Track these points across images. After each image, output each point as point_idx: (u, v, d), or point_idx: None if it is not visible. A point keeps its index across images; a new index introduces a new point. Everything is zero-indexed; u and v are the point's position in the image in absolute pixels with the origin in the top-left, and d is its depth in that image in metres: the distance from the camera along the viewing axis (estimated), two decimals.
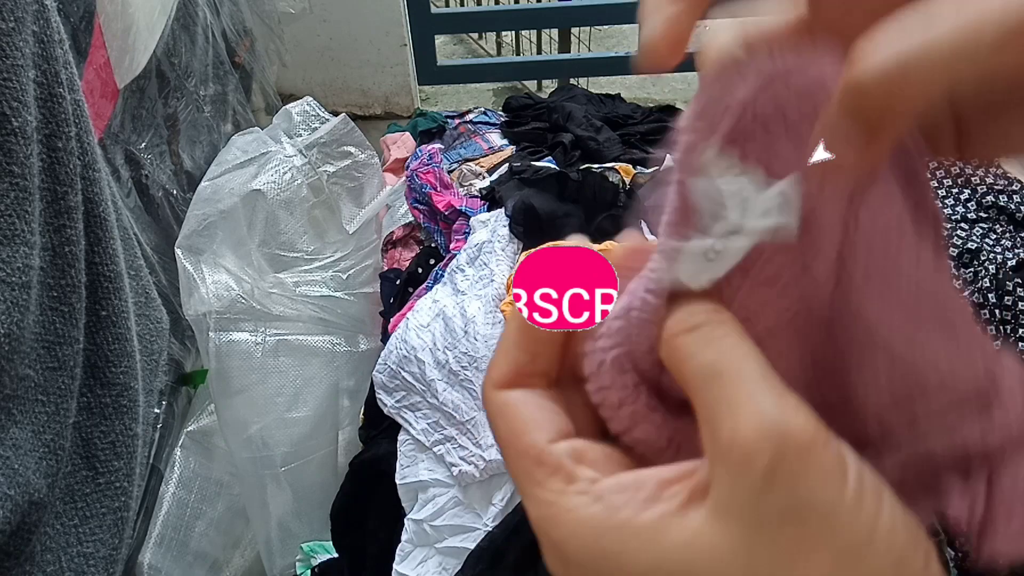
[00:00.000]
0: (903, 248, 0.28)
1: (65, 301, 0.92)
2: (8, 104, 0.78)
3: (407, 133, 2.05)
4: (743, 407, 0.25)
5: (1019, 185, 1.57)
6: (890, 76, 0.23)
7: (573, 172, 1.55)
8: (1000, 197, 1.56)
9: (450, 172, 1.79)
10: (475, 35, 4.05)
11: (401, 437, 1.30)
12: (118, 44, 1.40)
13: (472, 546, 1.15)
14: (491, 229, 1.50)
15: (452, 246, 1.58)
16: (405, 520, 1.23)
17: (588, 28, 3.68)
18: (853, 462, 0.26)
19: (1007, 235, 1.50)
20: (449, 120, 2.04)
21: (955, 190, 1.61)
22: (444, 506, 1.21)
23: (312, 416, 1.59)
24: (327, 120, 1.88)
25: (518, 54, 3.82)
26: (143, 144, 1.56)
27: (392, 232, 1.76)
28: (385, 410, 1.32)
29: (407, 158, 1.91)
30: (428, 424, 1.26)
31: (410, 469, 1.26)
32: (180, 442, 1.57)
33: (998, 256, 1.42)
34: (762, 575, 0.25)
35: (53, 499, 0.93)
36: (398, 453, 1.28)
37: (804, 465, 0.25)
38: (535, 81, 3.58)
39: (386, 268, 1.72)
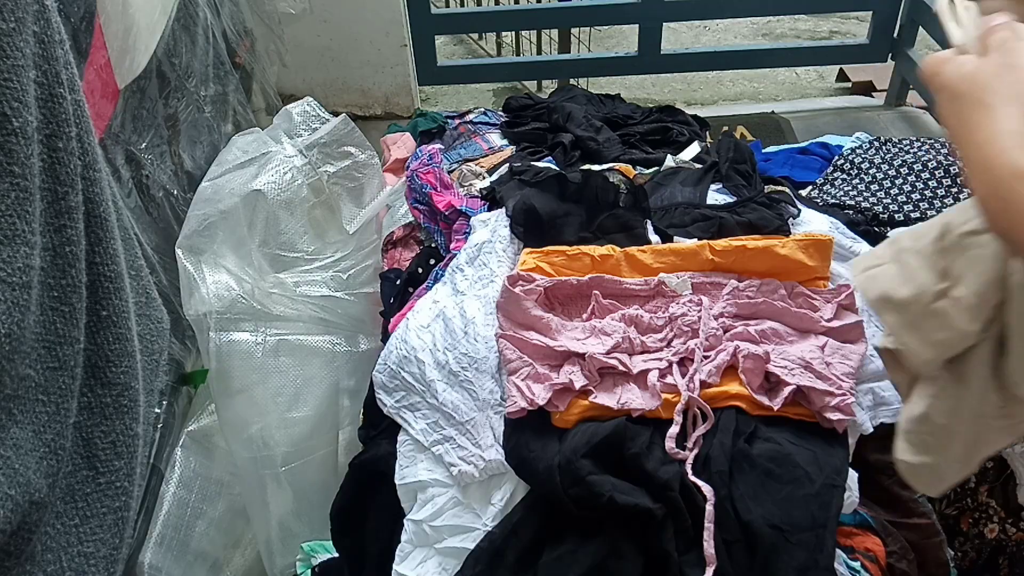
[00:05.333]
0: None
1: (66, 301, 0.92)
2: (9, 104, 0.78)
3: (407, 133, 2.05)
4: None
5: None
6: None
7: (573, 174, 1.55)
8: None
9: (450, 172, 1.79)
10: (475, 35, 4.05)
11: (400, 437, 1.30)
12: (119, 45, 1.41)
13: (471, 546, 1.15)
14: (491, 229, 1.50)
15: (452, 246, 1.58)
16: (405, 520, 1.23)
17: (588, 28, 3.68)
18: None
19: None
20: (449, 120, 2.04)
21: (954, 189, 1.61)
22: (443, 506, 1.21)
23: (312, 416, 1.59)
24: (327, 120, 1.88)
25: (518, 54, 3.83)
26: (144, 144, 1.56)
27: (392, 232, 1.76)
28: (385, 410, 1.32)
29: (407, 158, 1.91)
30: (427, 424, 1.26)
31: (409, 469, 1.26)
32: (181, 442, 1.57)
33: None
34: None
35: (54, 499, 0.93)
36: (397, 453, 1.28)
37: None
38: (535, 81, 3.59)
39: (386, 268, 1.72)
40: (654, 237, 1.46)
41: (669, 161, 1.72)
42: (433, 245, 1.67)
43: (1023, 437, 1.35)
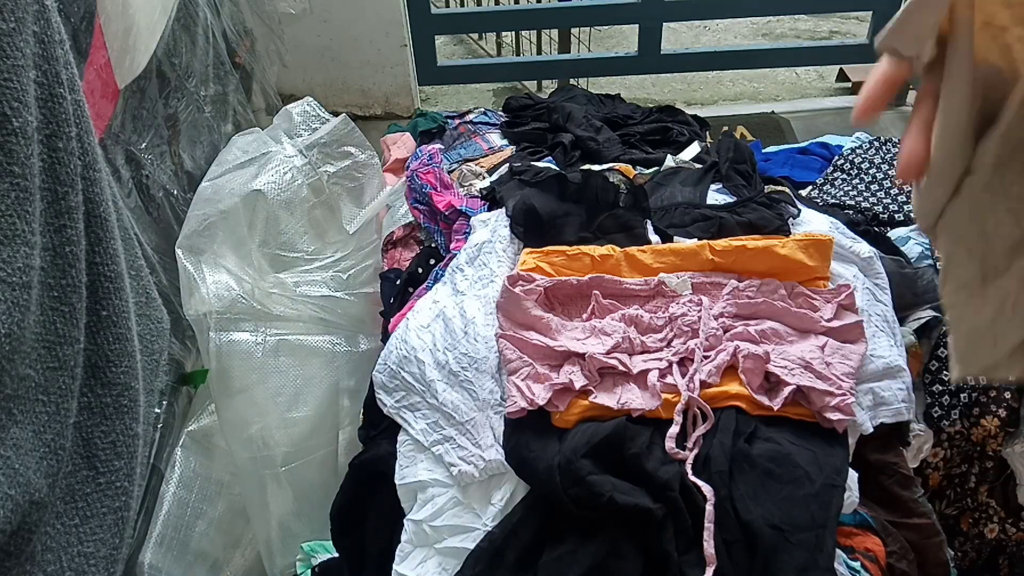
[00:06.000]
0: None
1: (66, 301, 0.92)
2: (9, 104, 0.78)
3: (407, 133, 2.05)
4: None
5: None
6: None
7: (573, 174, 1.55)
8: None
9: (450, 172, 1.79)
10: (475, 35, 4.05)
11: (400, 437, 1.29)
12: (119, 45, 1.41)
13: (471, 546, 1.15)
14: (491, 229, 1.50)
15: (452, 246, 1.58)
16: (405, 520, 1.23)
17: (588, 28, 3.68)
18: None
19: None
20: (449, 120, 2.04)
21: None
22: (443, 506, 1.21)
23: (312, 416, 1.59)
24: (327, 120, 1.88)
25: (518, 54, 3.82)
26: (144, 144, 1.56)
27: (392, 232, 1.76)
28: (384, 410, 1.32)
29: (407, 158, 1.91)
30: (427, 424, 1.26)
31: (409, 469, 1.26)
32: (181, 442, 1.57)
33: None
34: None
35: (54, 499, 0.93)
36: (397, 453, 1.28)
37: None
38: (535, 81, 3.59)
39: (386, 268, 1.72)
40: (654, 237, 1.46)
41: (669, 161, 1.72)
42: (433, 245, 1.67)
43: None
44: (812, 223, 1.46)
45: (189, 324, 1.55)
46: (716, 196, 1.58)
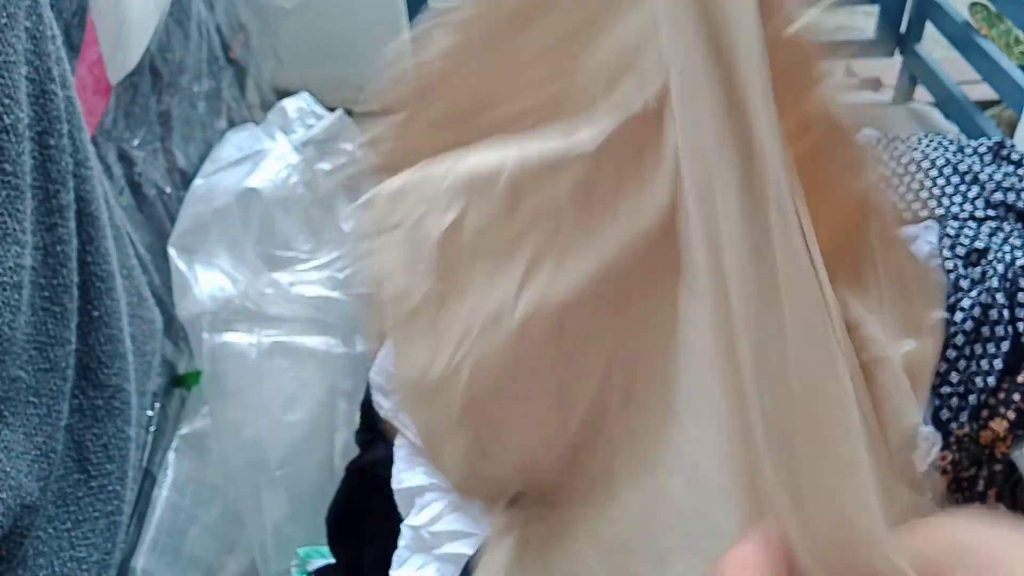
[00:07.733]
0: None
1: (57, 301, 0.91)
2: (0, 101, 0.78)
3: None
4: None
5: None
6: None
7: None
8: (1008, 195, 1.54)
9: None
10: None
11: (398, 441, 1.28)
12: (111, 40, 1.39)
13: (470, 552, 1.14)
14: None
15: None
16: (402, 525, 1.22)
17: None
18: None
19: (1015, 233, 1.49)
20: None
21: (963, 187, 1.60)
22: (442, 511, 1.19)
23: (308, 419, 1.58)
24: (324, 116, 1.86)
25: None
26: (136, 141, 1.54)
27: None
28: (382, 412, 1.31)
29: None
30: None
31: (407, 473, 1.24)
32: (173, 445, 1.55)
33: (1007, 255, 1.41)
34: None
35: (45, 503, 0.92)
36: (395, 457, 1.27)
37: None
38: None
39: None
40: None
41: None
42: None
43: None
44: None
45: (182, 325, 1.54)
46: None
